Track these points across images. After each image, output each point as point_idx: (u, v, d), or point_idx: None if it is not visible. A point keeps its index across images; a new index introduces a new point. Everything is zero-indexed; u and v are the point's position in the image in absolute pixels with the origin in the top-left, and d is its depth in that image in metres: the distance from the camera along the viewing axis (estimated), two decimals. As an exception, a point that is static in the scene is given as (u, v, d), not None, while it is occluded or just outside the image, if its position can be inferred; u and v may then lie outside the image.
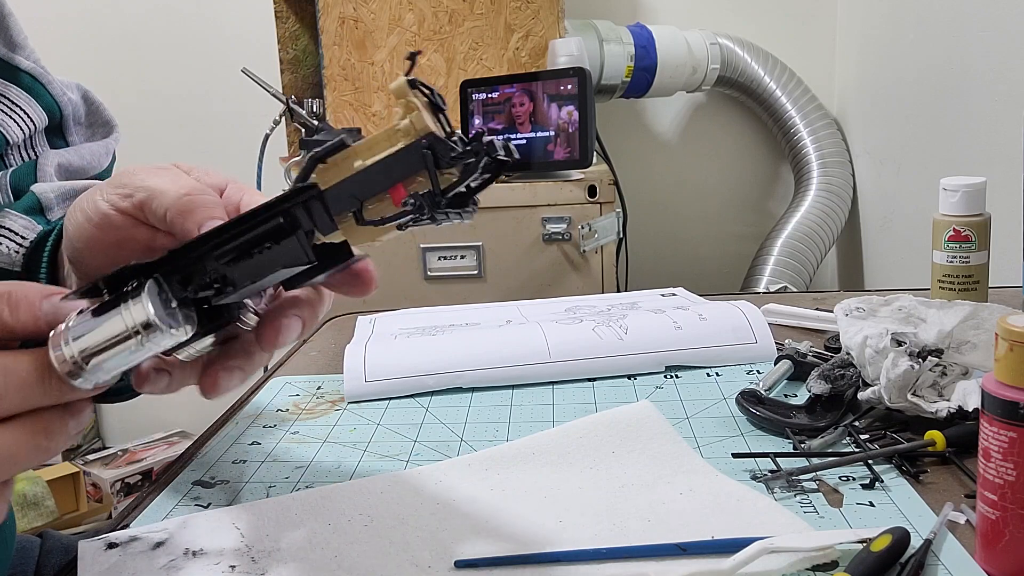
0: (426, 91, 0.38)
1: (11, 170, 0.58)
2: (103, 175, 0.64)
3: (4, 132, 0.58)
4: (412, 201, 0.37)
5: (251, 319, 0.43)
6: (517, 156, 0.41)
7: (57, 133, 0.64)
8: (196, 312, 0.39)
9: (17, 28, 0.59)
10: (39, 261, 0.53)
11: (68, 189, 0.56)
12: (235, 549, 0.45)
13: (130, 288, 0.37)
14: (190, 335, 0.38)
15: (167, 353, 0.40)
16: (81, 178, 0.62)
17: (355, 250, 0.40)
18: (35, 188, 0.56)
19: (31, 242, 0.53)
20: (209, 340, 0.41)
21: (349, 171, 0.38)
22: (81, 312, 0.37)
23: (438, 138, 0.38)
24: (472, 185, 0.39)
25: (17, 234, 0.53)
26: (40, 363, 0.36)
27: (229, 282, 0.38)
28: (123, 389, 0.47)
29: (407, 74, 0.38)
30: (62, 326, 0.37)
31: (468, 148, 0.37)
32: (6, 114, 0.58)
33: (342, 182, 0.38)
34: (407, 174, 0.37)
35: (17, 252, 0.53)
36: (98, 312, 0.37)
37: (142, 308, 0.36)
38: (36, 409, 0.36)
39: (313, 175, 0.39)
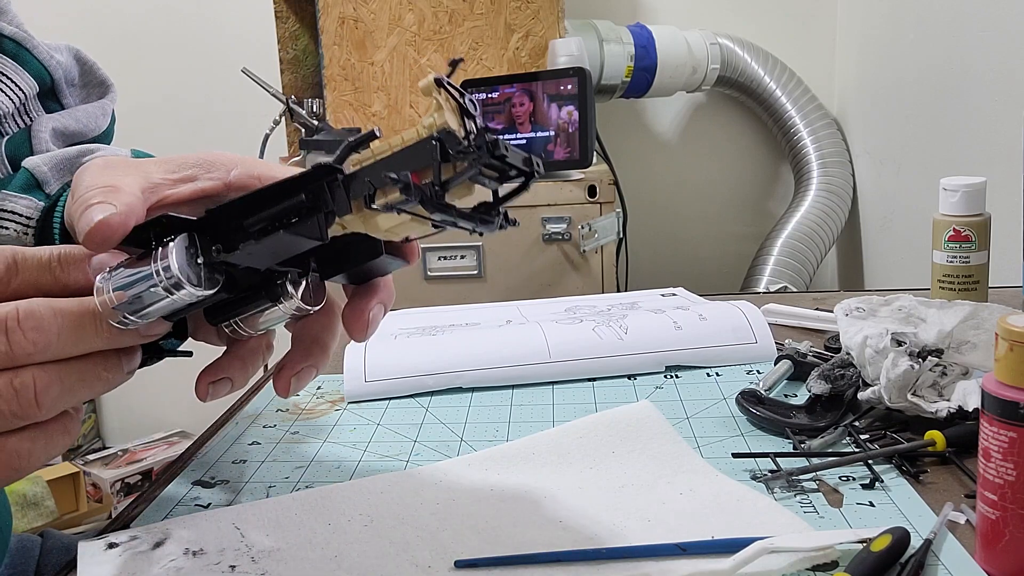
0: (455, 92, 0.39)
1: (5, 139, 0.57)
2: (101, 138, 0.63)
3: None
4: (414, 189, 0.38)
5: (291, 307, 0.44)
6: (540, 170, 0.41)
7: (51, 97, 0.62)
8: (228, 276, 0.42)
9: None
10: (50, 238, 0.52)
11: (60, 159, 0.55)
12: (235, 549, 0.45)
13: (164, 241, 0.40)
14: (211, 292, 0.40)
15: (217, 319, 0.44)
16: (79, 141, 0.60)
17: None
18: (26, 164, 0.55)
19: (37, 220, 0.53)
20: (272, 313, 0.44)
21: (370, 159, 0.40)
22: (122, 263, 0.40)
23: (449, 133, 0.38)
24: (499, 195, 0.40)
25: (22, 215, 0.53)
26: (87, 307, 0.39)
27: (253, 251, 0.40)
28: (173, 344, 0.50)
29: (448, 76, 0.39)
30: (104, 273, 0.40)
31: (470, 143, 0.38)
32: None
33: (361, 169, 0.40)
34: (417, 166, 0.38)
35: (26, 234, 0.53)
36: (133, 263, 0.40)
37: (169, 260, 0.39)
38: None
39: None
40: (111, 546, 0.46)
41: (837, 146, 1.97)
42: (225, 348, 0.48)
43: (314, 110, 1.67)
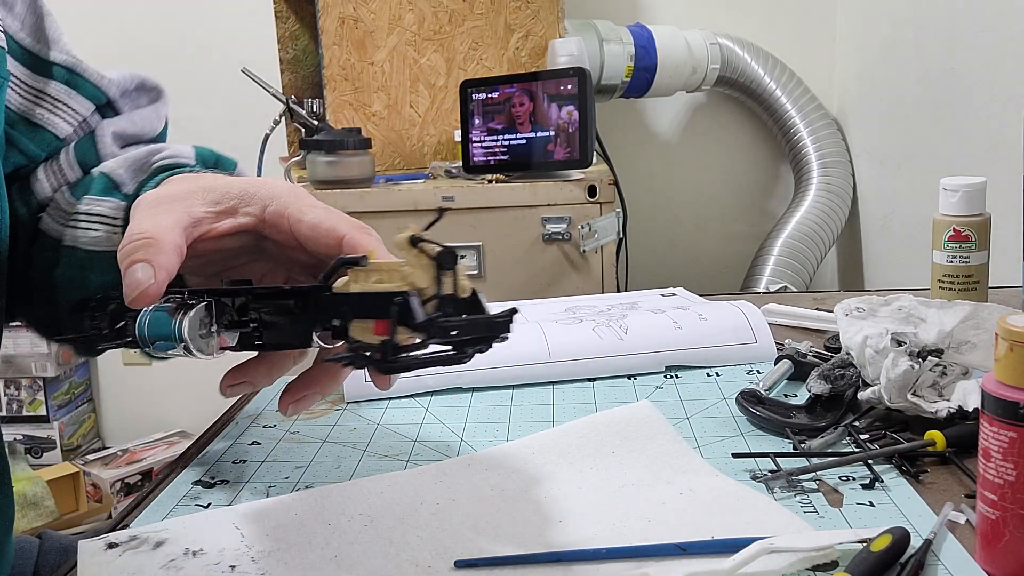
0: (432, 247, 0.42)
1: (73, 145, 0.61)
2: (157, 139, 0.67)
3: (52, 130, 0.60)
4: (358, 359, 0.43)
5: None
6: (481, 350, 0.44)
7: (107, 107, 0.65)
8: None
9: (53, 26, 0.61)
10: None
11: (133, 161, 0.58)
12: (235, 549, 0.45)
13: (192, 302, 0.46)
14: (216, 355, 0.47)
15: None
16: (138, 143, 0.64)
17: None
18: (102, 169, 0.58)
19: (122, 220, 0.56)
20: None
21: (345, 288, 0.44)
22: (158, 306, 0.46)
23: (408, 302, 0.41)
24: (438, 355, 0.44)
25: (108, 216, 0.56)
26: None
27: (259, 329, 0.48)
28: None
29: (426, 229, 0.43)
30: (145, 309, 0.46)
31: (424, 324, 0.41)
32: (50, 111, 0.60)
33: (340, 295, 0.44)
34: (379, 316, 0.42)
35: (115, 232, 0.56)
36: (162, 309, 0.46)
37: (184, 325, 0.45)
38: None
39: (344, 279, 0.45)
40: (111, 546, 0.46)
41: (837, 146, 1.97)
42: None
43: (314, 110, 1.67)
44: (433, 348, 0.43)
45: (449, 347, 0.43)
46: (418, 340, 0.42)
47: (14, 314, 0.63)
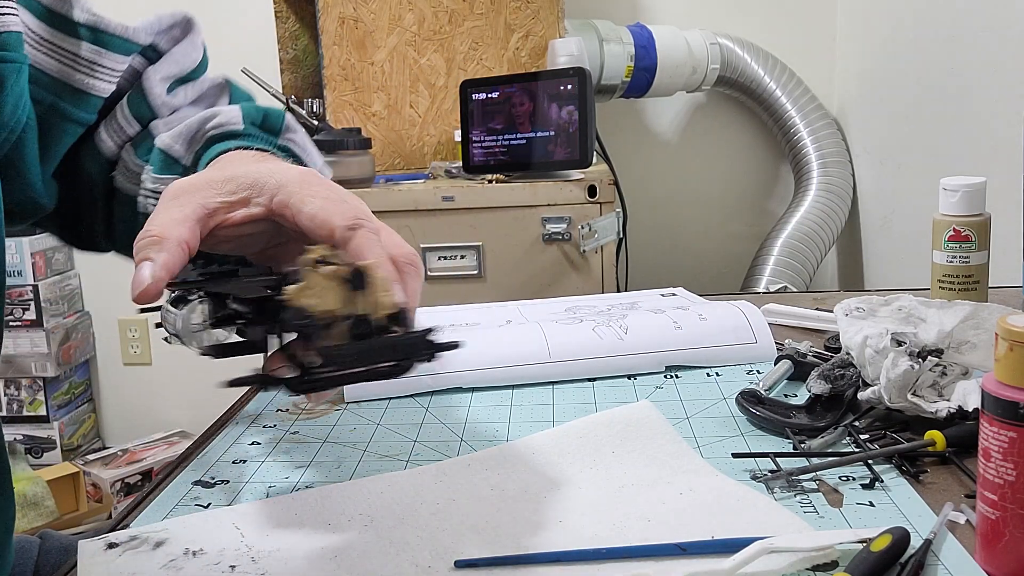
0: (343, 269, 0.42)
1: (127, 100, 0.64)
2: (199, 69, 0.69)
3: (94, 92, 0.62)
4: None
5: None
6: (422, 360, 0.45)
7: (148, 50, 0.66)
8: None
9: None
10: None
11: (186, 133, 0.62)
12: (235, 549, 0.45)
13: (192, 298, 0.49)
14: (202, 350, 0.49)
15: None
16: (184, 79, 0.67)
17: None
18: (158, 144, 0.62)
19: None
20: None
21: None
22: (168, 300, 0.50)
23: (314, 329, 0.42)
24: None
25: None
26: None
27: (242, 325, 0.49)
28: None
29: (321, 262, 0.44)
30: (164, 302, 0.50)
31: (322, 355, 0.42)
32: (88, 75, 0.61)
33: (280, 307, 0.45)
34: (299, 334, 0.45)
35: None
36: (171, 301, 0.50)
37: (180, 318, 0.48)
38: None
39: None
40: (111, 546, 0.46)
41: (837, 146, 1.97)
42: None
43: (314, 110, 1.67)
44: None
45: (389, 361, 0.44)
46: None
47: (107, 249, 0.71)
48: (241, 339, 0.50)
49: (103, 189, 0.66)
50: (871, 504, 0.47)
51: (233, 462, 0.58)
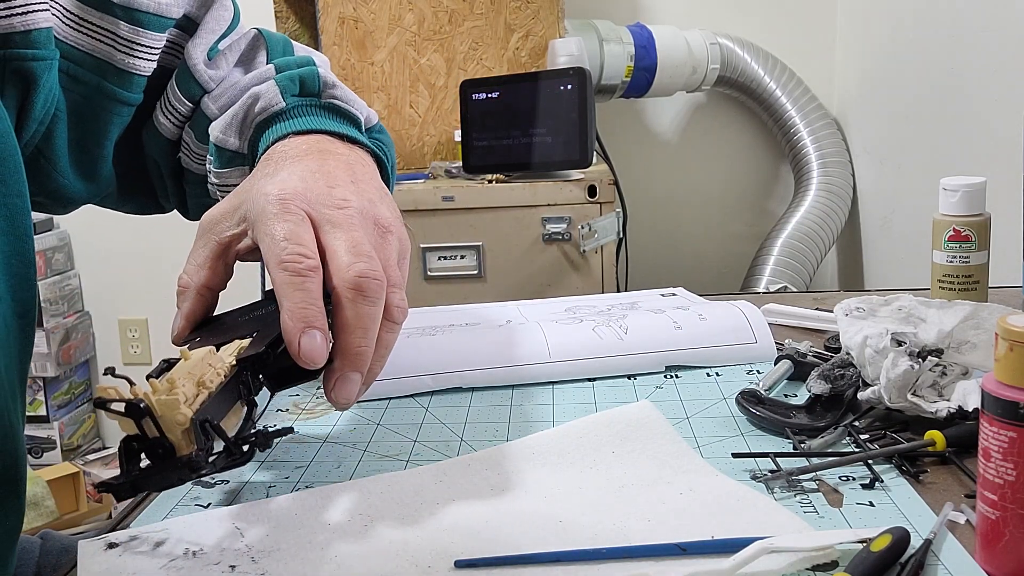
0: (118, 406, 0.43)
1: (175, 80, 0.66)
2: (233, 24, 0.69)
3: (136, 72, 0.63)
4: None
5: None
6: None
7: (184, 21, 0.67)
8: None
9: None
10: None
11: (235, 122, 0.63)
12: (235, 549, 0.45)
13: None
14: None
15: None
16: (223, 40, 0.67)
17: None
18: (212, 138, 0.64)
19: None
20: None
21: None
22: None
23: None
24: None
25: (235, 185, 0.61)
26: None
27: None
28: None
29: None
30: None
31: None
32: (128, 54, 0.62)
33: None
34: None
35: None
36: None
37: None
38: None
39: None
40: (111, 546, 0.46)
41: (837, 146, 1.97)
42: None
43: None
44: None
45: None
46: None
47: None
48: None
49: (170, 170, 0.68)
50: (871, 504, 0.47)
51: (233, 462, 0.58)
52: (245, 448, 0.47)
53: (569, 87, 1.50)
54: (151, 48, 0.63)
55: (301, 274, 0.46)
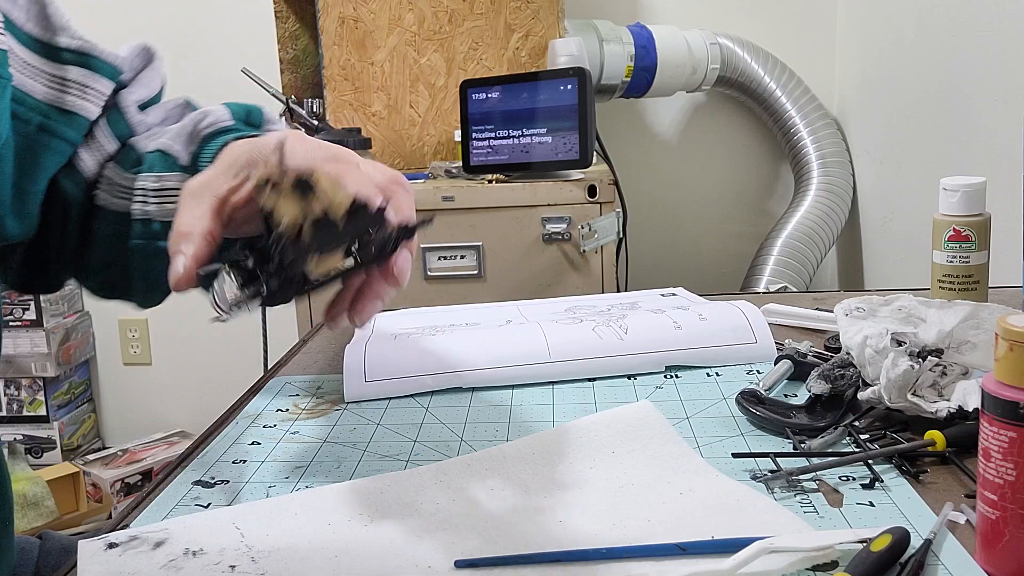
0: (286, 181, 0.45)
1: (105, 120, 0.66)
2: (157, 97, 0.72)
3: (83, 114, 0.64)
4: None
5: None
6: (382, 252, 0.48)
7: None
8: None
9: (58, 13, 0.63)
10: None
11: (182, 135, 0.64)
12: (235, 549, 0.45)
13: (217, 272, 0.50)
14: (241, 308, 0.49)
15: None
16: (148, 103, 0.70)
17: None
18: (158, 147, 0.64)
19: None
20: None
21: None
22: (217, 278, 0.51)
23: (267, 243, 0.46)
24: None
25: (179, 189, 0.60)
26: None
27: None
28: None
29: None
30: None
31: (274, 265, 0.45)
32: (79, 97, 0.63)
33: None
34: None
35: None
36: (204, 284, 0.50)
37: (216, 294, 0.49)
38: None
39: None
40: (111, 546, 0.46)
41: (837, 146, 1.97)
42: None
43: (314, 110, 1.67)
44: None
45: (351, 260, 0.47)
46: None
47: (61, 282, 0.70)
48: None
49: (81, 210, 0.66)
50: (871, 504, 0.47)
51: (233, 462, 0.58)
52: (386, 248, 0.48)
53: (569, 87, 1.50)
54: (102, 93, 0.65)
55: (356, 165, 0.51)
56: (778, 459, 0.52)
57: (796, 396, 0.63)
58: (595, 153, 1.59)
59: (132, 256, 0.64)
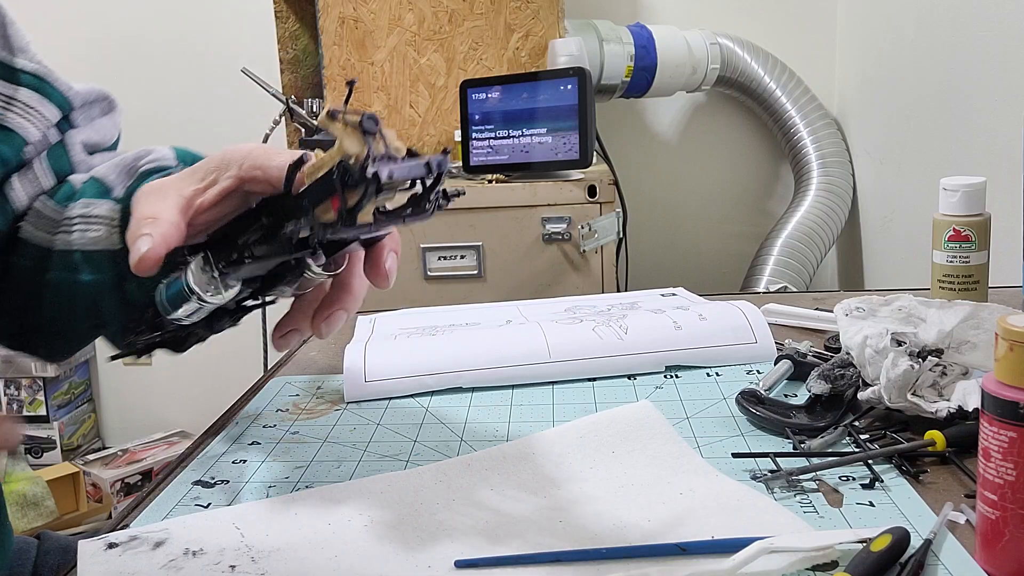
0: (352, 117, 0.44)
1: (46, 154, 0.64)
2: (113, 146, 0.70)
3: (23, 134, 0.62)
4: (319, 229, 0.46)
5: (318, 273, 0.51)
6: (440, 169, 0.46)
7: (66, 122, 0.67)
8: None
9: (19, 34, 0.63)
10: None
11: (120, 166, 0.63)
12: (235, 549, 0.45)
13: (188, 261, 0.50)
14: (232, 296, 0.50)
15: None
16: (99, 150, 0.68)
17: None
18: (94, 174, 0.62)
19: (119, 220, 0.59)
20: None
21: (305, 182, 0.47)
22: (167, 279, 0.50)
23: (342, 165, 0.44)
24: (426, 185, 0.46)
25: (106, 217, 0.60)
26: None
27: (255, 257, 0.50)
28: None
29: (345, 102, 0.46)
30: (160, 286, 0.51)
31: (356, 178, 0.44)
32: (22, 116, 0.62)
33: (297, 194, 0.47)
34: (328, 194, 0.45)
35: (112, 232, 0.59)
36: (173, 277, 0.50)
37: (190, 276, 0.49)
38: None
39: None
40: (111, 546, 0.46)
41: (837, 146, 1.97)
42: (292, 301, 0.56)
43: (314, 110, 1.67)
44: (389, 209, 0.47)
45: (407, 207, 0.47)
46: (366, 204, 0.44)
47: None
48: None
49: (2, 242, 0.62)
50: (871, 504, 0.47)
51: (233, 462, 0.58)
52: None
53: (569, 87, 1.50)
54: (46, 119, 0.63)
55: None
56: (778, 459, 0.52)
57: (796, 396, 0.63)
58: (595, 153, 1.59)
59: (46, 292, 0.61)
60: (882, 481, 0.49)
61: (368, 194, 0.43)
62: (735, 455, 0.54)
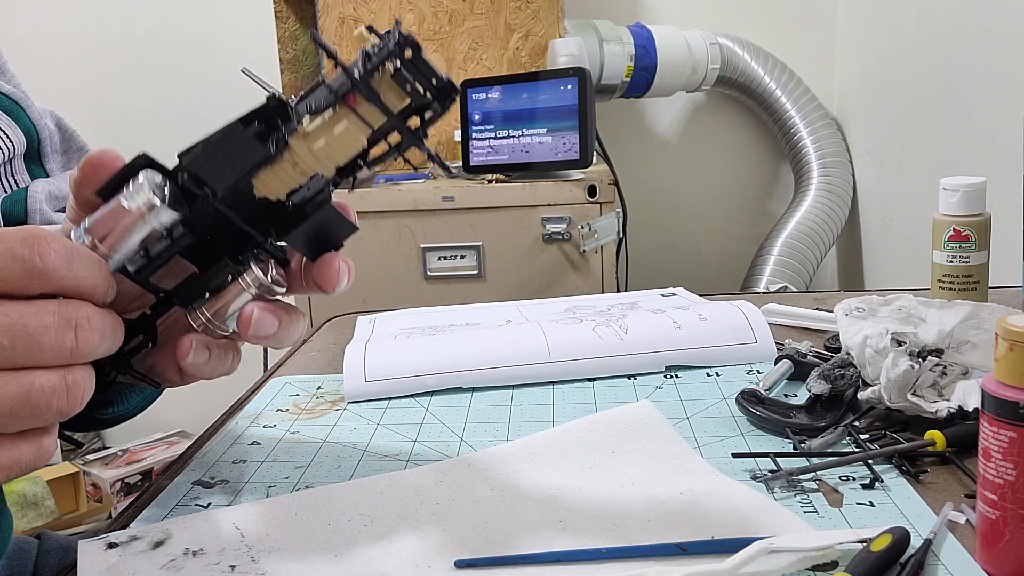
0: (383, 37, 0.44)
1: (3, 197, 0.61)
2: None
3: None
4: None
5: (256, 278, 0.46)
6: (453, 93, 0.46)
7: (35, 160, 0.65)
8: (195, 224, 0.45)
9: None
10: None
11: (62, 197, 0.61)
12: (235, 549, 0.45)
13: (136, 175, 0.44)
14: (177, 217, 0.43)
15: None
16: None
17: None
18: (28, 189, 0.59)
19: None
20: (251, 290, 0.46)
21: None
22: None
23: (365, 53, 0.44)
24: (425, 118, 0.48)
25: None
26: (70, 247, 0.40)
27: (210, 159, 0.47)
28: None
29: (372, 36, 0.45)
30: (76, 227, 0.43)
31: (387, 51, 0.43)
32: None
33: (304, 94, 0.46)
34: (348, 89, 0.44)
35: None
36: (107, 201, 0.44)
37: (136, 187, 0.43)
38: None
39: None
40: (111, 546, 0.46)
41: (837, 146, 1.97)
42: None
43: (314, 110, 1.66)
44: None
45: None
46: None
47: None
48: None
49: None
50: (871, 504, 0.47)
51: (233, 462, 0.58)
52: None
53: (569, 87, 1.50)
54: (9, 142, 0.61)
55: None
56: (778, 459, 0.52)
57: (796, 396, 0.63)
58: (595, 153, 1.59)
59: None
60: (882, 481, 0.49)
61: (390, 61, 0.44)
62: (735, 455, 0.54)
